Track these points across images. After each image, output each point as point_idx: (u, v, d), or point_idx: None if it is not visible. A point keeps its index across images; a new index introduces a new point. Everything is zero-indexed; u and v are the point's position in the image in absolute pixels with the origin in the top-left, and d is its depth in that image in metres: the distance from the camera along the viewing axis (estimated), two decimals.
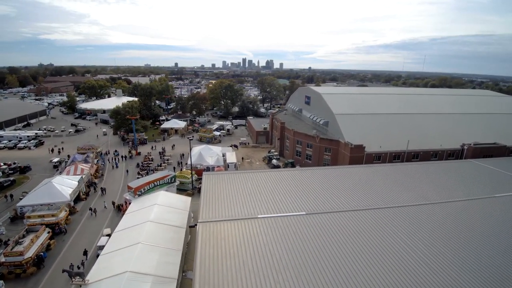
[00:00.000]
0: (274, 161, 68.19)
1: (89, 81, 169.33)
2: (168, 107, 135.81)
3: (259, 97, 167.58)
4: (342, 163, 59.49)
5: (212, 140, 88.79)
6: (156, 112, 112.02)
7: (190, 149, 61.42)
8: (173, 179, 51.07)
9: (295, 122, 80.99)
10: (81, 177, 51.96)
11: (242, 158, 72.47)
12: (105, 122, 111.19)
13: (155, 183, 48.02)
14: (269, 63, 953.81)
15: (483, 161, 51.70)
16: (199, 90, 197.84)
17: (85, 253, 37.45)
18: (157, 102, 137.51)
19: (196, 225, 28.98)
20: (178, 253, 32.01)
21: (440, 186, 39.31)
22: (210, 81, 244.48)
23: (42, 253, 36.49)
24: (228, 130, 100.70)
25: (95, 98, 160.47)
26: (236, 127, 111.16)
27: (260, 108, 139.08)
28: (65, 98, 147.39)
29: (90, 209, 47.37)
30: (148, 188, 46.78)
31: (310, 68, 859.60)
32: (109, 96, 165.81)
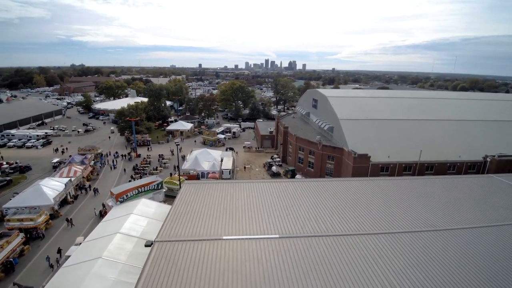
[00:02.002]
0: (274, 168, 64.32)
1: (107, 82, 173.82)
2: (180, 108, 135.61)
3: (272, 98, 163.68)
4: (346, 174, 54.63)
5: (215, 143, 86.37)
6: (165, 113, 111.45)
7: (179, 155, 58.52)
8: (160, 185, 48.77)
9: (302, 127, 76.59)
10: (69, 179, 51.00)
11: (245, 167, 68.55)
12: (115, 122, 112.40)
13: (140, 189, 45.88)
14: (292, 64, 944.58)
15: (508, 177, 44.70)
16: (215, 91, 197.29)
17: (59, 251, 36.80)
18: (170, 103, 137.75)
19: (152, 243, 25.99)
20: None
21: (450, 208, 33.75)
22: (224, 82, 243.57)
23: (12, 259, 35.42)
24: (234, 133, 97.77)
25: (113, 98, 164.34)
26: (244, 129, 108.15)
27: (272, 110, 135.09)
28: None
29: (67, 219, 44.39)
30: (132, 194, 44.62)
31: (333, 69, 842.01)
32: (126, 97, 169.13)
